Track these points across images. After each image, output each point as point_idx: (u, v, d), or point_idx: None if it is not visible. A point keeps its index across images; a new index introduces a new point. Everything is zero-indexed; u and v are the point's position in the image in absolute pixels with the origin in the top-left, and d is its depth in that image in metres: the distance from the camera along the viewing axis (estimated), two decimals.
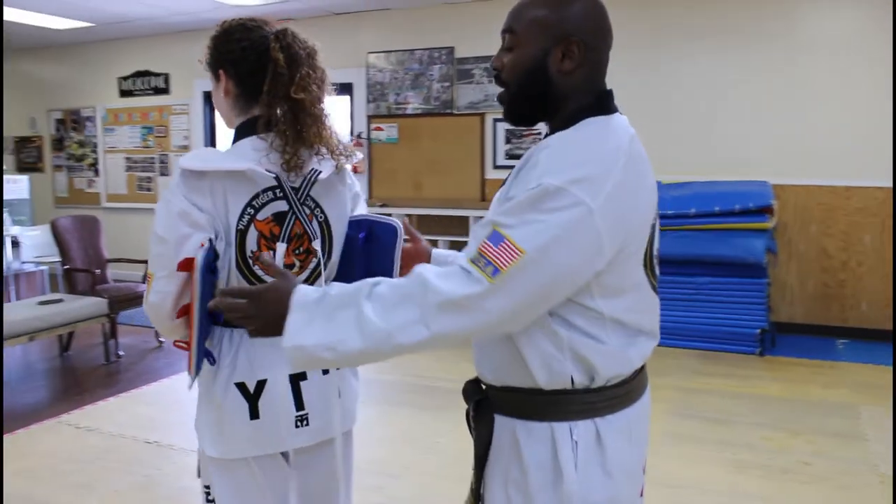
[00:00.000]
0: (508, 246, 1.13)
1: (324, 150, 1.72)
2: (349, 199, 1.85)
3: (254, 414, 1.73)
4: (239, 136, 1.74)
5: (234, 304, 1.29)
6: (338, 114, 7.36)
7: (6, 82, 9.28)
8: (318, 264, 1.77)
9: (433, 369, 4.88)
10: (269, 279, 1.63)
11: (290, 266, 1.73)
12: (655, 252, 1.35)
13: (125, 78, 8.39)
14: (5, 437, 3.97)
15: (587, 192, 1.14)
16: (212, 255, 1.61)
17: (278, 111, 1.67)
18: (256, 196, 1.66)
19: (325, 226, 1.76)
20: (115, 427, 4.09)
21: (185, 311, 1.66)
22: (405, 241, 1.78)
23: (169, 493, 3.32)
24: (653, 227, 1.31)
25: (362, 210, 1.89)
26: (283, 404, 1.74)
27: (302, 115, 1.67)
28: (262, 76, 1.66)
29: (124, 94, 8.44)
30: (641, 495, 1.42)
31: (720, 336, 5.32)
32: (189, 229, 1.61)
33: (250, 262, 1.68)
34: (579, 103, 1.30)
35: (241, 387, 1.73)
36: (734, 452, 3.62)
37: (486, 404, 1.36)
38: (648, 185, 1.28)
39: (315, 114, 1.68)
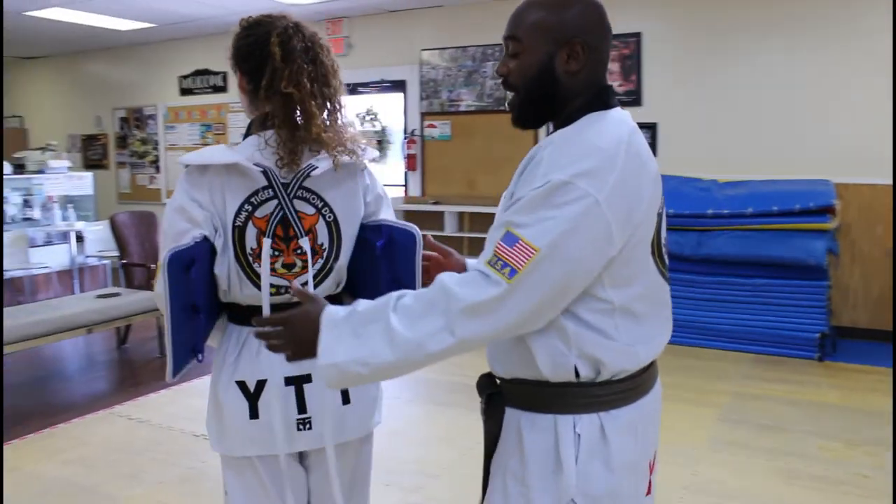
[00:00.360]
0: (523, 245, 1.16)
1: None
2: (364, 201, 1.82)
3: (253, 413, 1.72)
4: (247, 133, 1.74)
5: (268, 332, 1.34)
6: (391, 110, 7.40)
7: (76, 83, 9.59)
8: (324, 264, 1.75)
9: (479, 368, 4.84)
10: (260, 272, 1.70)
11: (291, 265, 1.71)
12: (663, 241, 1.38)
13: (185, 77, 8.58)
14: (63, 426, 4.11)
15: (592, 184, 1.17)
16: (187, 254, 1.60)
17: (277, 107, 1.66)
18: (255, 193, 1.66)
19: (334, 225, 1.75)
20: (165, 419, 4.18)
21: None
22: (436, 255, 1.72)
23: (212, 486, 3.36)
24: (659, 215, 1.33)
25: (387, 214, 1.85)
26: (283, 406, 1.72)
27: (293, 111, 1.66)
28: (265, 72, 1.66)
29: (184, 92, 8.63)
30: (650, 493, 1.42)
31: (777, 340, 5.14)
32: (186, 224, 1.62)
33: (250, 258, 1.68)
34: (582, 101, 1.32)
35: (242, 385, 1.73)
36: (787, 462, 3.49)
37: (497, 398, 1.39)
38: (651, 175, 1.29)
39: (309, 110, 1.66)
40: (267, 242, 1.65)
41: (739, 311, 5.24)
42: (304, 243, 1.68)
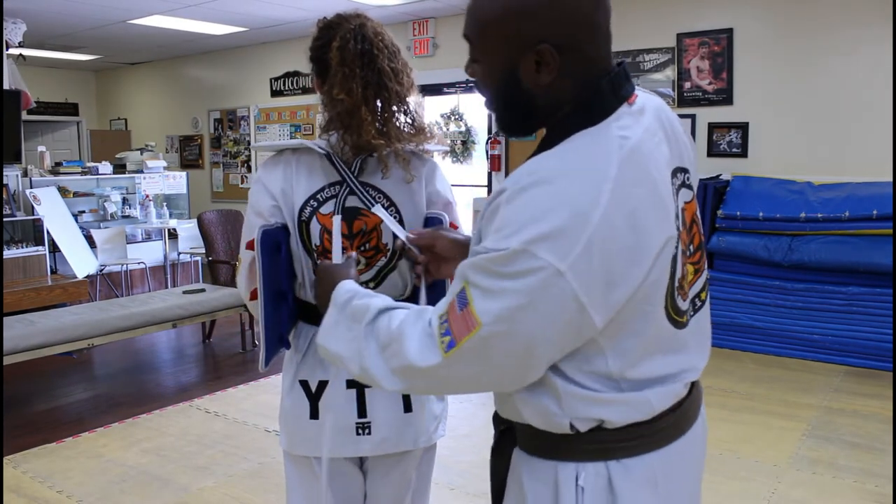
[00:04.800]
0: (468, 314, 1.00)
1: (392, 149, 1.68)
2: (426, 203, 1.79)
3: (314, 414, 1.74)
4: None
5: None
6: (476, 110, 7.36)
7: (175, 86, 9.99)
8: (387, 263, 1.75)
9: None
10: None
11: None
12: (678, 283, 1.09)
13: (276, 79, 8.79)
14: (143, 416, 4.26)
15: (554, 251, 0.94)
16: (276, 235, 1.65)
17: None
18: (321, 189, 1.68)
19: (401, 225, 1.73)
20: (240, 414, 4.28)
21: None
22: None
23: (279, 481, 3.38)
24: (674, 257, 1.06)
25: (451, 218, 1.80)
26: (342, 409, 1.72)
27: (346, 117, 1.65)
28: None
29: (275, 94, 8.84)
30: None
31: (872, 352, 4.82)
32: (256, 219, 1.70)
33: (315, 255, 1.70)
34: (569, 110, 1.08)
35: (304, 385, 1.75)
36: (878, 485, 3.25)
37: (509, 435, 1.20)
38: (657, 206, 1.02)
39: (359, 116, 1.64)
40: (336, 220, 1.64)
41: (832, 321, 4.95)
42: (379, 210, 1.64)
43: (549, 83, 1.05)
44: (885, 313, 4.76)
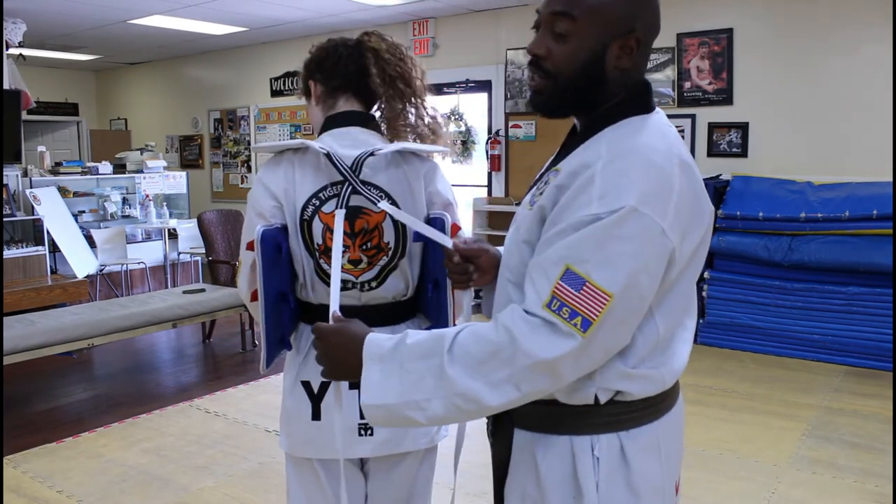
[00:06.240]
0: (592, 290, 1.04)
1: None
2: (426, 203, 1.79)
3: (315, 415, 1.73)
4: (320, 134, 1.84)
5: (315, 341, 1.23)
6: (476, 110, 7.36)
7: (175, 86, 9.99)
8: (388, 261, 1.74)
9: None
10: (327, 266, 1.68)
11: (356, 262, 1.70)
12: None
13: (276, 78, 8.78)
14: (143, 416, 4.26)
15: (656, 209, 1.05)
16: (278, 235, 1.65)
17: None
18: (323, 188, 1.68)
19: (401, 225, 1.74)
20: (240, 414, 4.28)
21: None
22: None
23: (279, 481, 3.40)
24: None
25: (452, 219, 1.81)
26: (345, 410, 1.71)
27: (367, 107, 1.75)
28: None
29: (275, 94, 8.84)
30: None
31: (872, 352, 4.83)
32: (257, 219, 1.70)
33: (317, 255, 1.69)
34: (621, 99, 1.19)
35: (307, 386, 1.75)
36: (878, 485, 3.25)
37: (505, 417, 1.24)
38: (701, 181, 1.19)
39: (391, 104, 1.73)
40: (340, 213, 1.60)
41: (832, 321, 4.95)
42: (385, 205, 1.61)
43: (626, 68, 1.17)
44: (885, 313, 4.76)
